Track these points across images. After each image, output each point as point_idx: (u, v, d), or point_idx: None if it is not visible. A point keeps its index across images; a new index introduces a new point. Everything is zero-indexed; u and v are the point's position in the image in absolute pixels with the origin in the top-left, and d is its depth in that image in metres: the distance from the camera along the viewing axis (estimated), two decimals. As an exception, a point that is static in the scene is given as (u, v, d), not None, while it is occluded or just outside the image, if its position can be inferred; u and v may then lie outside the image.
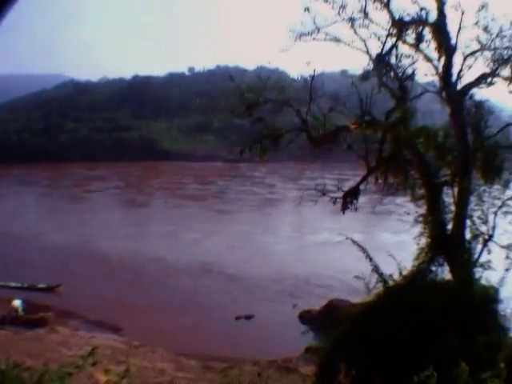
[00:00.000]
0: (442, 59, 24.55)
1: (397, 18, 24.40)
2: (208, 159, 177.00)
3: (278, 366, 32.77)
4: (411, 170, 25.89)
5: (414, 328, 20.67)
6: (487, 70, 24.94)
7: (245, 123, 28.41)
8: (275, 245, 68.88)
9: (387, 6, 24.39)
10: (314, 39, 25.53)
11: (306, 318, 42.59)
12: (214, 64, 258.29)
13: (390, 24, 24.60)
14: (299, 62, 25.91)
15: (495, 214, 25.16)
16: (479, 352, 19.30)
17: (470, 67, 24.94)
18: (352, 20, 24.86)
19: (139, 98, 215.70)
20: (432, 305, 21.50)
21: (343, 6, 24.78)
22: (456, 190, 24.94)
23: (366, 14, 24.77)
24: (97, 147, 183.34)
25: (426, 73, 25.48)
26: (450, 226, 25.02)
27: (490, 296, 23.88)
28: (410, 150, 25.13)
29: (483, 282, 24.54)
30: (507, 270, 24.75)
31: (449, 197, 25.37)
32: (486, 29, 24.27)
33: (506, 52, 24.51)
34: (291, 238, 73.72)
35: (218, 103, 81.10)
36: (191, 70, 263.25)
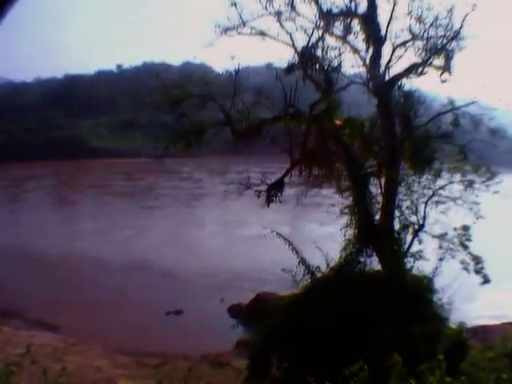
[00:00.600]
0: (370, 50, 24.70)
1: (325, 10, 24.37)
2: (135, 156, 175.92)
3: (210, 361, 32.54)
4: (336, 161, 25.79)
5: (343, 319, 20.63)
6: (418, 60, 25.21)
7: (171, 119, 28.00)
8: (206, 239, 68.58)
9: None
10: (239, 33, 25.43)
11: (235, 311, 42.40)
12: (140, 61, 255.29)
13: (317, 17, 24.60)
14: (225, 57, 25.67)
15: (426, 203, 25.36)
16: (416, 343, 19.38)
17: (399, 57, 25.14)
18: (279, 14, 24.75)
19: (70, 97, 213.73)
20: (361, 295, 21.48)
21: (270, 0, 24.79)
22: (383, 180, 25.00)
23: (293, 7, 24.67)
24: (31, 147, 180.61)
25: (352, 64, 25.56)
26: (378, 217, 25.16)
27: (424, 286, 23.99)
28: (334, 141, 25.11)
29: (417, 272, 24.73)
30: (441, 259, 24.96)
31: (377, 188, 25.42)
32: (419, 18, 24.49)
33: (440, 41, 24.82)
34: (221, 233, 73.98)
35: (144, 100, 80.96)
36: (119, 67, 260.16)
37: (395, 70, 25.20)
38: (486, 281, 25.83)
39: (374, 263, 24.66)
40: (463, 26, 24.30)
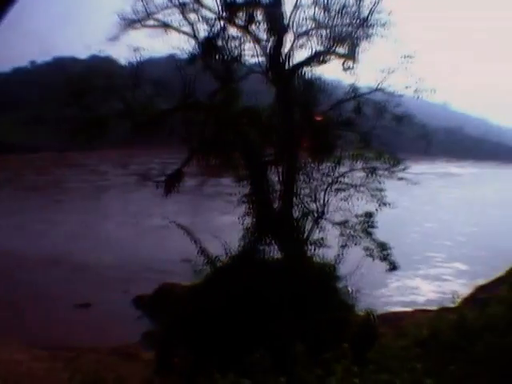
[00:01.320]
0: (272, 40, 24.71)
1: (228, 0, 24.38)
2: (43, 150, 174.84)
3: (119, 353, 32.39)
4: (234, 150, 25.70)
5: (244, 308, 20.68)
6: (321, 49, 25.21)
7: (76, 113, 27.53)
8: (114, 232, 68.38)
9: None
10: (144, 26, 25.19)
11: (139, 303, 42.25)
12: (51, 56, 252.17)
13: (220, 7, 24.52)
14: (129, 50, 25.13)
15: (326, 191, 25.44)
16: (321, 331, 19.40)
17: (301, 46, 25.14)
18: (183, 5, 24.63)
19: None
20: (261, 284, 21.52)
21: None
22: (282, 168, 25.04)
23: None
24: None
25: (253, 54, 25.39)
26: (277, 206, 25.17)
27: (327, 273, 24.13)
28: (232, 130, 24.97)
29: (320, 259, 24.86)
30: (343, 246, 25.12)
31: (276, 176, 25.42)
32: (325, 7, 24.55)
33: (345, 29, 24.97)
34: (129, 224, 73.62)
35: (53, 94, 79.93)
36: (33, 63, 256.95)
37: (298, 58, 25.36)
38: (393, 267, 26.15)
39: (275, 251, 24.71)
40: (372, 13, 24.62)
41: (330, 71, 26.46)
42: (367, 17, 24.63)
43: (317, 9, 24.65)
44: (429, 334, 18.30)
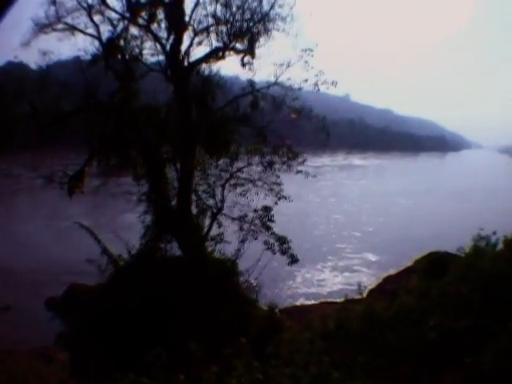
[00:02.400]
0: (171, 38, 24.84)
1: (133, 1, 24.52)
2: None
3: (37, 355, 31.68)
4: (132, 149, 25.40)
5: (146, 306, 20.80)
6: (220, 45, 25.45)
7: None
8: (33, 234, 66.97)
9: None
10: (54, 30, 24.90)
11: (51, 304, 41.51)
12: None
13: (124, 8, 24.69)
14: (39, 54, 24.93)
15: (223, 186, 25.42)
16: (222, 327, 19.31)
17: (200, 43, 25.40)
18: (90, 7, 24.63)
19: None
20: (162, 281, 21.60)
21: None
22: (179, 165, 24.99)
23: (102, 1, 24.63)
24: None
25: (153, 52, 25.62)
26: (175, 203, 25.17)
27: (227, 269, 24.16)
28: (131, 129, 24.70)
29: (219, 255, 24.93)
30: (242, 241, 25.19)
31: (174, 173, 25.39)
32: (226, 3, 24.85)
33: (245, 24, 25.13)
34: (46, 226, 72.18)
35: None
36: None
37: (197, 55, 25.61)
38: (294, 260, 26.37)
39: (175, 249, 24.69)
40: (273, 8, 24.91)
41: (230, 67, 26.50)
42: (268, 11, 24.91)
43: (218, 5, 24.99)
44: (335, 326, 18.50)
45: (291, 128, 27.84)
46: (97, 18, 24.80)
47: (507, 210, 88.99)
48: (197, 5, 24.77)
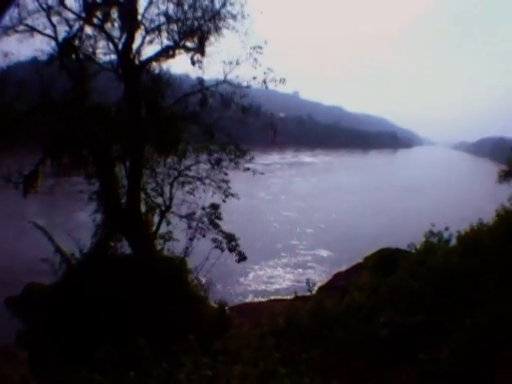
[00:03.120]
0: (124, 36, 24.81)
1: (89, 1, 24.34)
2: None
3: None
4: (84, 148, 25.28)
5: (97, 305, 20.84)
6: (170, 43, 25.50)
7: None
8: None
9: None
10: (16, 32, 24.58)
11: (10, 304, 41.29)
12: None
13: (81, 8, 24.48)
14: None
15: (171, 184, 25.50)
16: (172, 324, 19.35)
17: (151, 42, 25.38)
18: (49, 8, 24.41)
19: None
20: (112, 280, 21.58)
21: None
22: (128, 164, 25.06)
23: (61, 1, 24.40)
24: None
25: (106, 52, 25.57)
26: (125, 201, 25.17)
27: (177, 267, 24.26)
28: (82, 128, 24.62)
29: (168, 253, 24.99)
30: (191, 239, 25.31)
31: (123, 172, 25.38)
32: (178, 2, 24.87)
33: (196, 23, 25.22)
34: (4, 226, 71.31)
35: None
36: None
37: (148, 54, 25.63)
38: (241, 258, 26.57)
39: (126, 247, 24.74)
40: (224, 6, 25.09)
41: (180, 65, 26.53)
42: (219, 10, 25.03)
43: (170, 4, 25.01)
44: (285, 322, 18.64)
45: (240, 126, 27.99)
46: (55, 18, 24.65)
47: (460, 205, 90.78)
48: (150, 4, 24.83)
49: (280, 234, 72.28)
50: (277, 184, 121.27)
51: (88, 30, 25.16)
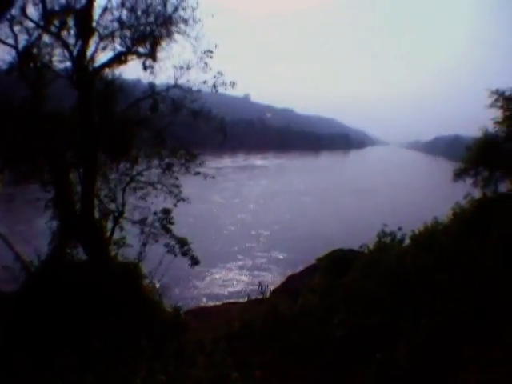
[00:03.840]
0: (79, 43, 24.58)
1: (49, 9, 24.13)
2: None
3: None
4: (40, 156, 25.16)
5: (57, 311, 20.72)
6: (123, 49, 25.36)
7: None
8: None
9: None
10: None
11: None
12: None
13: (40, 16, 24.26)
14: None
15: (123, 190, 25.48)
16: (127, 329, 19.33)
17: (105, 48, 25.16)
18: (12, 18, 24.11)
19: None
20: (70, 286, 21.58)
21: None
22: (82, 170, 24.91)
23: (22, 11, 24.09)
24: None
25: (62, 59, 25.13)
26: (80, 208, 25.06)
27: (130, 272, 24.24)
28: (37, 136, 24.48)
29: (122, 259, 25.01)
30: (144, 244, 25.32)
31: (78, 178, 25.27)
32: (132, 8, 24.80)
33: (148, 28, 25.18)
34: None
35: None
36: None
37: (102, 60, 25.41)
38: (194, 262, 26.68)
39: (82, 253, 24.71)
40: (176, 10, 25.05)
41: (133, 70, 26.50)
42: (171, 14, 25.03)
43: (124, 10, 24.92)
44: (240, 326, 18.74)
45: (191, 130, 28.04)
46: (16, 28, 24.41)
47: (415, 205, 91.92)
48: (105, 10, 24.69)
49: (236, 236, 72.66)
50: (230, 187, 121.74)
51: (46, 38, 24.91)
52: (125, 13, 24.96)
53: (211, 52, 25.27)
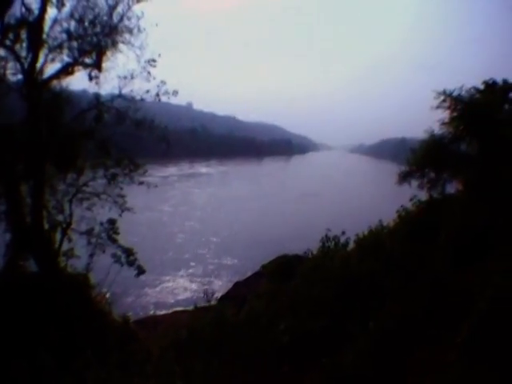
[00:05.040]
0: (29, 56, 24.27)
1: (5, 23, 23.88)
2: None
3: None
4: None
5: (9, 322, 20.28)
6: (70, 60, 25.18)
7: None
8: None
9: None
10: None
11: None
12: None
13: None
14: None
15: (70, 201, 25.17)
16: (78, 339, 19.05)
17: (53, 59, 24.89)
18: None
19: None
20: (22, 299, 21.22)
21: None
22: (31, 182, 24.62)
23: None
24: None
25: (14, 72, 24.73)
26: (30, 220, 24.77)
27: (79, 283, 23.98)
28: None
29: (72, 270, 24.70)
30: (91, 255, 25.07)
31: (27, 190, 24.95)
32: (80, 19, 24.62)
33: (94, 39, 25.04)
34: None
35: None
36: None
37: (50, 72, 25.13)
38: (140, 272, 26.52)
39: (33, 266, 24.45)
40: (122, 20, 25.06)
41: (80, 80, 26.29)
42: (116, 24, 24.97)
43: (73, 21, 24.72)
44: (188, 334, 18.59)
45: (135, 139, 27.92)
46: None
47: (361, 208, 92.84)
48: (55, 22, 24.49)
49: (187, 244, 72.50)
50: (176, 196, 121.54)
51: (1, 51, 24.54)
52: (73, 24, 24.80)
53: (154, 61, 25.38)
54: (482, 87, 25.53)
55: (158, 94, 25.81)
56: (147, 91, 25.54)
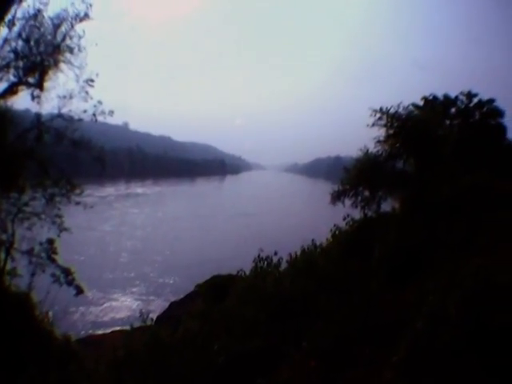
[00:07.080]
0: None
1: None
2: None
3: None
4: None
5: None
6: (16, 80, 24.36)
7: None
8: None
9: None
10: None
11: None
12: None
13: None
14: None
15: (13, 221, 24.58)
16: (20, 359, 18.49)
17: (1, 79, 24.07)
18: None
19: None
20: None
21: None
22: None
23: None
24: None
25: None
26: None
27: (22, 302, 23.40)
28: None
29: (15, 289, 24.06)
30: (33, 274, 24.45)
31: None
32: (27, 38, 23.88)
33: (38, 58, 24.26)
34: None
35: None
36: None
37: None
38: (79, 291, 25.95)
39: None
40: (64, 39, 24.32)
41: (23, 101, 25.79)
42: (59, 43, 24.41)
43: (20, 41, 23.98)
44: (125, 354, 18.05)
45: (74, 160, 27.44)
46: None
47: (296, 227, 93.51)
48: (5, 42, 23.74)
49: (131, 263, 72.15)
50: (116, 216, 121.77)
51: None
52: (20, 43, 24.22)
53: (92, 81, 25.00)
54: (421, 103, 25.64)
55: (94, 114, 25.44)
56: (84, 111, 25.17)
